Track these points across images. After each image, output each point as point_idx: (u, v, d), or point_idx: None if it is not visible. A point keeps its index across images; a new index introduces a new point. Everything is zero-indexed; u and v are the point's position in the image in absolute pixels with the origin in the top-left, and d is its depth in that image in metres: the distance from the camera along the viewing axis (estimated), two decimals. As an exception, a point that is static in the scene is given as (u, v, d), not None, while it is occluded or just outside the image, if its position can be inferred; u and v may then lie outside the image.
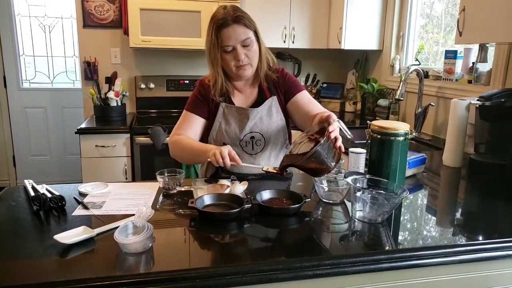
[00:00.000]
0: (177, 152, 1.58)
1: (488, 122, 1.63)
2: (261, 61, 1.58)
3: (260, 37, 1.55)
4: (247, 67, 1.53)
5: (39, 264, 0.92)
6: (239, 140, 1.60)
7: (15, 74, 4.13)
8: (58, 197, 1.21)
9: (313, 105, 1.60)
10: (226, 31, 1.46)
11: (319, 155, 1.22)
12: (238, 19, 1.46)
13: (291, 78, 1.68)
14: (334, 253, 1.01)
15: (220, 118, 1.61)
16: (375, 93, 3.17)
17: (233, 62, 1.51)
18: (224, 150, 1.34)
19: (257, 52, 1.54)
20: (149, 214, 1.05)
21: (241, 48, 1.49)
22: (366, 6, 3.11)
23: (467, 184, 1.64)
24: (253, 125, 1.60)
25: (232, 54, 1.50)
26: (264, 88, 1.64)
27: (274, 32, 3.26)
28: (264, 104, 1.62)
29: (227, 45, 1.48)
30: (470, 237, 1.10)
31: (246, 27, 1.48)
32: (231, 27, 1.46)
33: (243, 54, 1.49)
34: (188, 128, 1.59)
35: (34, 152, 4.32)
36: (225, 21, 1.45)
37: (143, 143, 2.83)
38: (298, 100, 1.63)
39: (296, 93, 1.63)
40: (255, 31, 1.52)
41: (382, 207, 1.13)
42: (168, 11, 2.94)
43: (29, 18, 4.10)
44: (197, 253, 1.00)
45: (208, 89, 1.61)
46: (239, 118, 1.60)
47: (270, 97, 1.63)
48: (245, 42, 1.48)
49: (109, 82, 3.17)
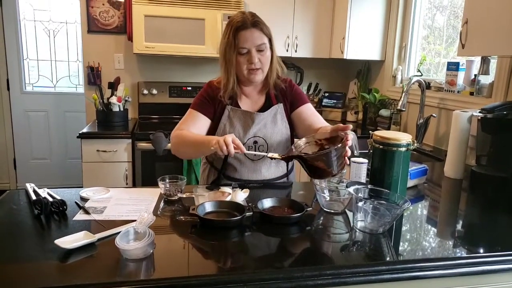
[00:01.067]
0: (179, 146, 1.56)
1: (490, 134, 1.63)
2: (272, 69, 1.61)
3: (273, 45, 1.59)
4: (258, 72, 1.56)
5: (39, 269, 0.92)
6: (242, 144, 1.60)
7: (19, 77, 4.15)
8: (59, 201, 1.21)
9: (316, 118, 1.65)
10: (244, 33, 1.50)
11: (330, 157, 1.24)
12: (256, 23, 1.51)
13: (298, 89, 1.71)
14: (335, 263, 1.00)
15: (225, 121, 1.62)
16: (377, 103, 3.18)
17: (246, 65, 1.54)
18: (228, 138, 1.33)
19: (269, 59, 1.57)
20: (150, 220, 1.05)
21: (255, 52, 1.52)
22: (369, 16, 3.13)
23: (469, 196, 1.64)
24: (257, 130, 1.61)
25: (246, 57, 1.53)
26: (272, 95, 1.66)
27: (277, 41, 3.22)
28: (270, 110, 1.63)
29: (243, 47, 1.51)
30: (472, 250, 1.10)
31: (263, 33, 1.53)
32: (249, 30, 1.50)
33: (257, 58, 1.52)
34: (192, 125, 1.59)
35: (35, 155, 4.33)
36: (244, 23, 1.50)
37: (144, 149, 2.83)
38: (303, 111, 1.66)
39: (301, 104, 1.66)
40: (270, 39, 1.56)
41: (383, 217, 1.12)
42: (172, 18, 2.96)
43: (34, 22, 4.14)
44: (198, 261, 1.00)
45: (216, 90, 1.62)
46: (244, 121, 1.61)
47: (276, 104, 1.65)
48: (260, 47, 1.52)
49: (112, 87, 3.18)
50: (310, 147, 1.41)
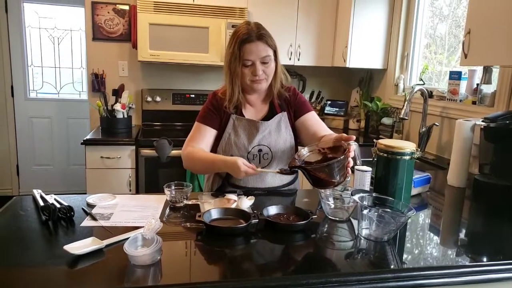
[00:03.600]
0: (193, 165, 1.60)
1: (493, 143, 1.65)
2: (276, 79, 1.63)
3: (278, 56, 1.60)
4: (262, 81, 1.58)
5: (48, 274, 0.92)
6: (247, 152, 1.62)
7: (23, 84, 4.18)
8: (66, 207, 1.22)
9: (321, 126, 1.67)
10: (249, 46, 1.51)
11: (333, 168, 1.25)
12: (262, 36, 1.52)
13: (302, 98, 1.73)
14: (340, 270, 1.01)
15: (230, 129, 1.63)
16: (379, 112, 3.20)
17: (250, 77, 1.55)
18: (248, 170, 1.40)
19: (273, 70, 1.59)
20: (157, 227, 1.06)
21: (260, 64, 1.53)
22: (371, 25, 3.16)
23: (472, 204, 1.64)
24: (262, 138, 1.63)
25: (250, 69, 1.55)
26: (276, 104, 1.68)
27: (280, 49, 3.22)
28: (274, 118, 1.65)
29: (247, 59, 1.52)
30: (475, 258, 1.10)
31: (268, 45, 1.54)
32: (254, 43, 1.51)
33: (261, 70, 1.54)
34: (200, 140, 1.61)
35: (37, 161, 4.35)
36: (249, 36, 1.51)
37: (148, 156, 2.84)
38: (307, 119, 1.67)
39: (305, 112, 1.68)
40: (274, 50, 1.57)
41: (388, 225, 1.13)
42: (176, 27, 2.99)
43: (39, 29, 4.18)
44: (204, 267, 1.01)
45: (220, 101, 1.63)
46: (249, 130, 1.63)
47: (280, 112, 1.66)
48: (265, 59, 1.54)
49: (116, 94, 3.20)
50: (313, 156, 1.42)
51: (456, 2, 2.74)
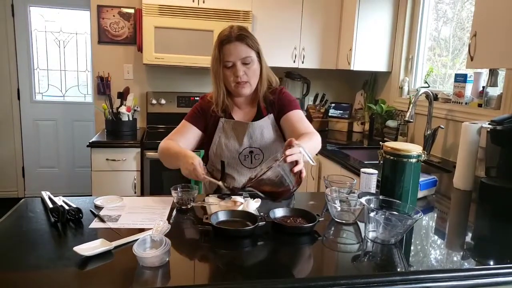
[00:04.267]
0: (161, 155, 1.62)
1: (499, 146, 1.64)
2: (261, 82, 1.62)
3: (262, 58, 1.60)
4: (245, 85, 1.57)
5: (58, 275, 0.93)
6: (238, 154, 1.64)
7: (29, 87, 4.21)
8: (75, 209, 1.23)
9: (301, 124, 1.61)
10: (228, 47, 1.53)
11: (272, 179, 1.23)
12: (241, 37, 1.53)
13: (286, 96, 1.69)
14: (348, 273, 1.01)
15: (219, 132, 1.65)
16: (384, 114, 3.20)
17: (232, 78, 1.56)
18: (196, 173, 1.39)
19: (256, 72, 1.59)
20: (166, 229, 1.06)
21: (240, 65, 1.54)
22: (375, 28, 3.17)
23: (478, 207, 1.64)
24: (252, 140, 1.64)
25: (231, 70, 1.56)
26: (262, 107, 1.68)
27: (284, 52, 3.32)
28: (262, 120, 1.65)
29: (227, 61, 1.54)
30: (482, 261, 1.10)
31: (248, 46, 1.54)
32: (233, 44, 1.52)
33: (242, 71, 1.54)
34: (181, 136, 1.64)
35: (42, 164, 4.37)
36: (228, 38, 1.53)
37: (153, 158, 2.85)
38: (289, 118, 1.64)
39: (288, 111, 1.65)
40: (257, 52, 1.57)
41: (395, 228, 1.13)
42: (181, 30, 3.01)
43: (45, 33, 4.21)
44: (212, 269, 1.01)
45: (208, 104, 1.66)
46: (238, 132, 1.64)
47: (266, 115, 1.67)
48: (245, 60, 1.54)
49: (121, 97, 3.22)
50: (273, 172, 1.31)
51: (461, 5, 2.75)
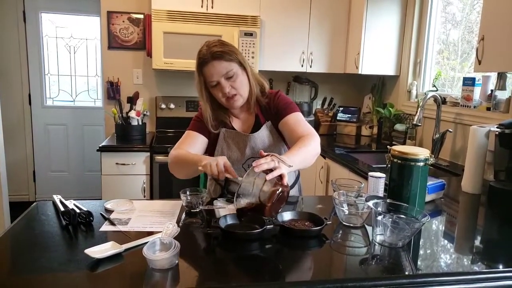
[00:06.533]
0: (173, 165, 1.58)
1: (508, 149, 1.63)
2: (251, 89, 1.59)
3: (246, 66, 1.56)
4: (236, 97, 1.54)
5: (70, 277, 0.95)
6: (241, 164, 1.64)
7: (40, 92, 4.28)
8: (86, 212, 1.25)
9: (297, 127, 1.57)
10: (207, 69, 1.50)
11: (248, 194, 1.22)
12: (217, 55, 1.48)
13: (283, 99, 1.65)
14: (356, 276, 1.02)
15: (221, 143, 1.65)
16: (392, 118, 3.19)
17: (221, 94, 1.54)
18: (220, 162, 1.32)
19: (243, 82, 1.55)
20: (175, 232, 1.08)
21: (225, 81, 1.51)
22: (383, 32, 3.17)
23: (487, 211, 1.63)
24: (254, 150, 1.62)
25: (218, 88, 1.53)
26: (259, 114, 1.66)
27: (292, 57, 3.33)
28: (261, 129, 1.64)
29: (211, 81, 1.52)
30: (491, 265, 1.10)
31: (228, 61, 1.49)
32: (211, 64, 1.48)
33: (228, 86, 1.51)
34: (189, 145, 1.60)
35: (53, 168, 4.43)
36: (204, 59, 1.49)
37: (162, 162, 2.88)
38: (286, 122, 1.60)
39: (285, 115, 1.61)
40: (239, 62, 1.53)
41: (403, 231, 1.14)
42: (190, 35, 3.04)
43: (55, 39, 4.27)
44: (221, 272, 1.03)
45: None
46: (239, 143, 1.64)
47: (265, 123, 1.65)
48: (228, 74, 1.50)
49: (131, 101, 3.26)
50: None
51: (469, 8, 2.74)
